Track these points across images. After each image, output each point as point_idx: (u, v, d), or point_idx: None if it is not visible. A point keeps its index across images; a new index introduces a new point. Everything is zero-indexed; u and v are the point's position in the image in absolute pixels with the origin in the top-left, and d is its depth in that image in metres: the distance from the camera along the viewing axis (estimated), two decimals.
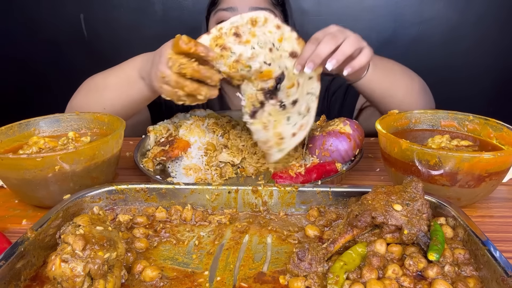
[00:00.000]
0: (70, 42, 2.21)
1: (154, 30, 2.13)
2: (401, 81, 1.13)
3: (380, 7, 2.07)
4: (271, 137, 0.94)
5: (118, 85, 1.09)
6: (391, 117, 0.97)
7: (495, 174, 0.80)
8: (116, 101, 1.10)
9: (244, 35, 0.89)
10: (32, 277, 0.62)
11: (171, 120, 1.18)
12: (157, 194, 0.80)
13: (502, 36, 2.07)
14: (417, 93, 1.16)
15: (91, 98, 1.13)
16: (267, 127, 0.94)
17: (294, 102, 0.94)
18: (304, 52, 0.88)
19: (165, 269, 0.65)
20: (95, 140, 0.91)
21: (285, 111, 0.95)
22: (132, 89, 1.06)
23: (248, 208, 0.80)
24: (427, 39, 2.08)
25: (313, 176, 0.92)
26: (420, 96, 1.17)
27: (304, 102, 0.94)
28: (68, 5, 2.15)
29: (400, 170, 0.86)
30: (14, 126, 0.97)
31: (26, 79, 2.33)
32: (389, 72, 1.11)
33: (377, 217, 0.65)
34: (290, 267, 0.61)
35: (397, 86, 1.11)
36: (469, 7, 2.03)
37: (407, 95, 1.13)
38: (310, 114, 0.95)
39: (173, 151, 1.01)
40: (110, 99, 1.10)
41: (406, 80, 1.15)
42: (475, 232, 0.63)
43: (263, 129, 0.94)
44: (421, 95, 1.17)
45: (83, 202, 0.77)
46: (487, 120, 0.93)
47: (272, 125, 0.94)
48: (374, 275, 0.60)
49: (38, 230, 0.65)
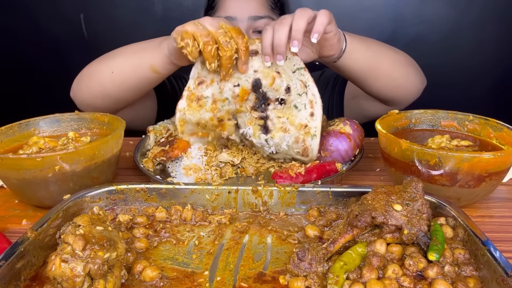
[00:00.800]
0: (70, 42, 2.21)
1: (154, 30, 2.11)
2: (384, 52, 1.10)
3: (380, 7, 2.06)
4: (297, 134, 0.95)
5: (134, 50, 1.07)
6: (391, 117, 0.97)
7: (495, 174, 0.80)
8: (125, 65, 1.07)
9: (206, 78, 0.94)
10: (32, 277, 0.62)
11: (171, 120, 1.18)
12: (157, 194, 0.80)
13: (502, 36, 2.07)
14: (404, 65, 1.14)
15: (104, 64, 1.11)
16: (286, 128, 0.96)
17: (287, 90, 0.95)
18: (264, 41, 0.89)
19: (165, 269, 0.65)
20: (95, 140, 0.91)
21: (287, 104, 0.95)
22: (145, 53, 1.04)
23: (248, 208, 0.80)
24: (427, 39, 2.08)
25: (313, 176, 0.92)
26: (409, 68, 1.15)
27: (295, 82, 0.95)
28: (68, 5, 2.15)
29: (400, 170, 0.86)
30: (14, 126, 0.97)
31: (26, 79, 2.33)
32: (370, 44, 1.09)
33: (377, 217, 0.65)
34: (290, 267, 0.61)
35: (381, 57, 1.08)
36: (469, 7, 2.03)
37: (393, 66, 1.11)
38: (309, 86, 0.95)
39: (173, 151, 1.01)
40: (120, 62, 1.08)
41: (390, 51, 1.13)
42: (475, 232, 0.63)
43: (285, 133, 0.96)
44: (410, 68, 1.15)
45: (83, 202, 0.77)
46: (487, 120, 0.93)
47: (288, 124, 0.95)
48: (374, 275, 0.60)
49: (38, 230, 0.65)
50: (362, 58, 1.05)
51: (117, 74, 1.07)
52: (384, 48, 1.12)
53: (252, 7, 1.24)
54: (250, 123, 0.97)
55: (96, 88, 1.11)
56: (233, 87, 0.94)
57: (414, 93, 1.19)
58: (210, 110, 0.96)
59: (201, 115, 0.96)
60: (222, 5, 1.26)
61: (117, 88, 1.08)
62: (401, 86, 1.14)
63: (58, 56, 2.25)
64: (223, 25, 0.88)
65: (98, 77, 1.11)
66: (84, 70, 1.15)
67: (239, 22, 1.22)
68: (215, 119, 0.97)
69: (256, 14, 1.23)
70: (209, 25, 0.87)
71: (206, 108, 0.96)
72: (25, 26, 2.21)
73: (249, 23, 1.23)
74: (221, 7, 1.26)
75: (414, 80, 1.17)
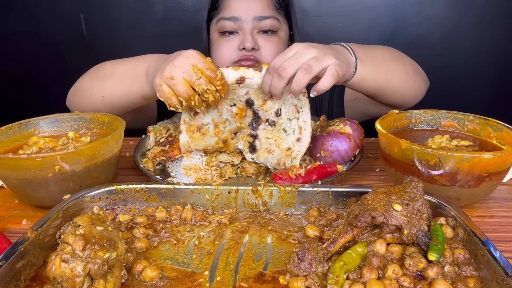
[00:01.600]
0: (70, 42, 2.21)
1: (154, 30, 2.12)
2: (394, 70, 1.09)
3: (380, 7, 2.06)
4: (279, 155, 0.97)
5: (123, 75, 1.07)
6: (391, 117, 0.97)
7: (495, 174, 0.80)
8: (116, 91, 1.08)
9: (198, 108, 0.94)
10: (32, 277, 0.62)
11: (171, 120, 1.18)
12: (157, 194, 0.80)
13: (502, 35, 2.07)
14: (412, 77, 1.14)
15: (95, 84, 1.12)
16: (271, 150, 0.97)
17: (278, 112, 0.96)
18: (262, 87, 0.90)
19: (165, 269, 0.65)
20: (95, 140, 0.91)
21: (276, 126, 0.97)
22: (135, 83, 1.04)
23: (248, 208, 0.80)
24: (427, 39, 2.08)
25: (313, 178, 0.92)
26: (415, 78, 1.15)
27: (289, 106, 0.96)
28: (68, 5, 2.15)
29: (400, 170, 0.86)
30: (14, 126, 0.97)
31: (26, 79, 2.33)
32: (380, 64, 1.06)
33: (377, 217, 0.65)
34: (290, 267, 0.61)
35: (391, 76, 1.07)
36: (469, 7, 2.03)
37: (403, 81, 1.10)
38: (303, 112, 0.95)
39: (173, 151, 1.01)
40: (111, 87, 1.08)
41: (399, 66, 1.11)
42: (475, 232, 0.63)
43: (269, 154, 0.97)
44: (416, 77, 1.15)
45: (83, 202, 0.77)
46: (487, 120, 0.93)
47: (274, 146, 0.97)
48: (374, 275, 0.60)
49: (38, 230, 0.65)
50: (373, 82, 1.04)
51: (108, 99, 1.09)
52: (394, 65, 1.10)
53: (257, 8, 1.23)
54: (242, 138, 1.00)
55: (88, 106, 1.13)
56: (230, 107, 0.97)
57: (419, 98, 1.20)
58: (215, 135, 0.99)
59: (206, 142, 0.99)
60: (227, 6, 1.25)
61: (108, 109, 1.09)
62: (408, 95, 1.15)
63: (58, 56, 2.25)
64: (195, 68, 0.87)
65: (89, 98, 1.12)
66: (77, 84, 1.17)
67: (243, 22, 1.22)
68: (221, 142, 1.00)
69: (261, 15, 1.22)
70: (182, 73, 0.87)
71: (209, 134, 0.98)
72: (25, 26, 2.21)
73: (254, 24, 1.22)
74: (225, 7, 1.25)
75: (420, 88, 1.18)
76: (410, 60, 1.17)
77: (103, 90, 1.09)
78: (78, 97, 1.15)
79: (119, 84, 1.07)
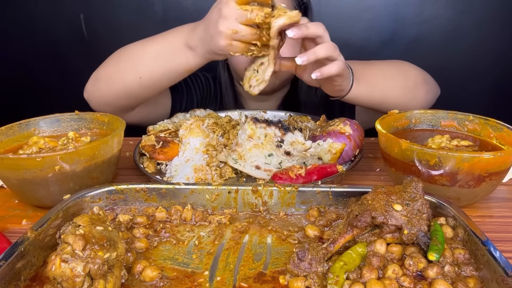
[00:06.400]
0: (70, 42, 2.21)
1: (154, 30, 2.11)
2: (393, 85, 1.11)
3: (380, 7, 2.06)
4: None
5: (160, 54, 1.04)
6: (391, 117, 0.97)
7: (495, 174, 0.80)
8: (156, 70, 1.05)
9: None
10: (32, 277, 0.62)
11: (171, 120, 1.18)
12: (157, 194, 0.80)
13: (502, 36, 2.07)
14: (413, 89, 1.14)
15: (125, 65, 1.09)
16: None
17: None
18: None
19: (165, 269, 0.65)
20: (95, 140, 0.91)
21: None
22: (176, 58, 1.02)
23: (248, 208, 0.80)
24: (427, 39, 2.08)
25: (314, 178, 0.92)
26: (418, 90, 1.15)
27: None
28: (68, 5, 2.15)
29: (400, 170, 0.86)
30: (14, 126, 0.97)
31: (25, 79, 2.33)
32: (376, 81, 1.09)
33: (377, 217, 0.65)
34: (290, 267, 0.61)
35: (389, 92, 1.10)
36: (469, 7, 2.03)
37: (402, 95, 1.12)
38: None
39: (159, 154, 1.01)
40: (148, 66, 1.06)
41: (399, 81, 1.13)
42: (475, 232, 0.63)
43: None
44: (420, 88, 1.15)
45: (83, 202, 0.77)
46: (487, 120, 0.93)
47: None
48: (374, 275, 0.60)
49: (38, 230, 0.65)
50: (368, 99, 1.09)
51: (146, 79, 1.06)
52: (393, 80, 1.12)
53: None
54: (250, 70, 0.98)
55: (120, 89, 1.10)
56: None
57: (425, 107, 1.20)
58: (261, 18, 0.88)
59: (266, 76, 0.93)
60: None
61: (144, 90, 1.08)
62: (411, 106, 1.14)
63: (58, 56, 2.25)
64: (241, 4, 0.85)
65: (122, 80, 1.09)
66: (100, 72, 1.14)
67: None
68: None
69: None
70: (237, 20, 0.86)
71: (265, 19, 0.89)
72: (25, 26, 2.21)
73: None
74: None
75: (426, 98, 1.18)
76: (415, 73, 1.18)
77: (140, 72, 1.06)
78: (104, 84, 1.12)
79: (157, 63, 1.05)
